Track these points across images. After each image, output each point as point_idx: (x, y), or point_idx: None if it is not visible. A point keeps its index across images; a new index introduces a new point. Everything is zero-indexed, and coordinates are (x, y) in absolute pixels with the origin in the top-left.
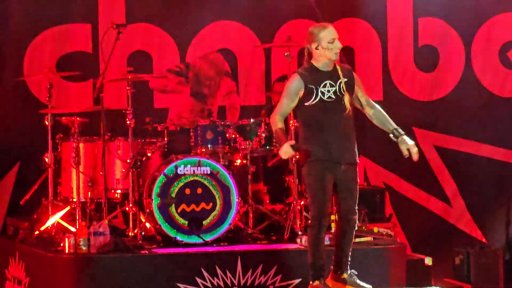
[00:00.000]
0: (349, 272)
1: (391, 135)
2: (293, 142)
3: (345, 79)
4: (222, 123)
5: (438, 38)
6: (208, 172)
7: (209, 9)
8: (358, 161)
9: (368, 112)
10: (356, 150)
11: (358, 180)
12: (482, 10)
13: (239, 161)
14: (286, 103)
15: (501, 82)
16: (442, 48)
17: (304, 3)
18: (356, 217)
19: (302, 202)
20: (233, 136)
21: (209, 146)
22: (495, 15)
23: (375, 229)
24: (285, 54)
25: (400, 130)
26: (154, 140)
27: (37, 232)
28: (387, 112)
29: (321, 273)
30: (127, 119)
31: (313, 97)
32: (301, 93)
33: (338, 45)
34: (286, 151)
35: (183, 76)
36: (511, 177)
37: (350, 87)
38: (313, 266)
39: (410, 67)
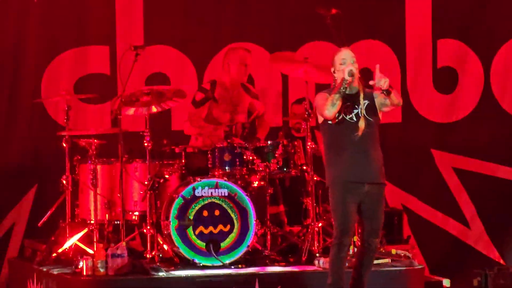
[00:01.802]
0: None
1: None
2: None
3: (367, 102)
4: (238, 144)
5: (457, 59)
6: (226, 194)
7: (226, 30)
8: (383, 181)
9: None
10: (381, 170)
11: (384, 201)
12: (501, 31)
13: (256, 183)
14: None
15: None
16: (460, 70)
17: (322, 25)
18: (378, 240)
19: (320, 224)
20: (251, 158)
21: (226, 168)
22: None
23: (393, 251)
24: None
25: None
26: (172, 162)
27: (55, 254)
28: (406, 133)
29: None
30: (144, 141)
31: (336, 116)
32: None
33: (347, 66)
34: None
35: (210, 96)
36: None
37: (372, 109)
38: (332, 282)
39: (428, 89)
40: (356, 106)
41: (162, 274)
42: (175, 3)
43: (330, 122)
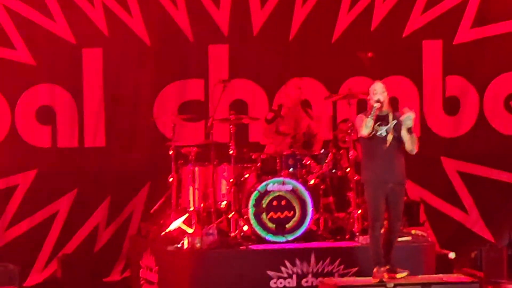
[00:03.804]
0: (391, 263)
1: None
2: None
3: (395, 122)
4: (300, 152)
5: (460, 91)
6: (290, 189)
7: (291, 67)
8: (403, 181)
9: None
10: (402, 173)
11: (404, 195)
12: (492, 70)
13: (313, 181)
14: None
15: (505, 124)
16: (462, 98)
17: (362, 63)
18: (400, 223)
19: (360, 211)
20: (308, 162)
21: (290, 169)
22: (503, 73)
23: (413, 231)
24: (348, 102)
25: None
26: (250, 165)
27: (163, 233)
28: (423, 144)
29: (379, 259)
30: (230, 150)
31: (370, 132)
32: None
33: (375, 96)
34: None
35: (278, 115)
36: (509, 192)
37: (398, 128)
38: (373, 254)
39: (439, 112)
40: (385, 124)
41: (243, 248)
42: (250, 49)
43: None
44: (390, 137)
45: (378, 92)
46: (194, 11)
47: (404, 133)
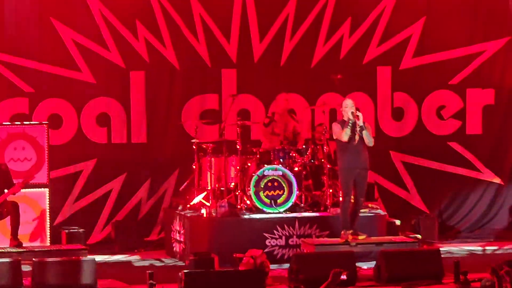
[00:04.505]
0: (354, 228)
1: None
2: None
3: (359, 128)
4: (287, 147)
5: (404, 103)
6: (281, 174)
7: (281, 85)
8: (368, 167)
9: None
10: (367, 161)
11: (367, 178)
12: (428, 86)
13: (297, 168)
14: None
15: (436, 127)
16: (405, 108)
17: (333, 83)
18: (363, 199)
19: (331, 190)
20: (294, 154)
21: (281, 159)
22: (435, 90)
23: (369, 205)
24: (322, 111)
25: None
26: (251, 156)
27: (188, 205)
28: (378, 142)
29: (346, 224)
30: (237, 145)
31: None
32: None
33: (348, 110)
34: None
35: (273, 120)
36: (443, 177)
37: (362, 130)
38: (343, 222)
39: (389, 118)
40: (352, 128)
41: (246, 216)
42: (252, 72)
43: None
44: (357, 137)
45: (349, 106)
46: (211, 44)
47: (364, 133)
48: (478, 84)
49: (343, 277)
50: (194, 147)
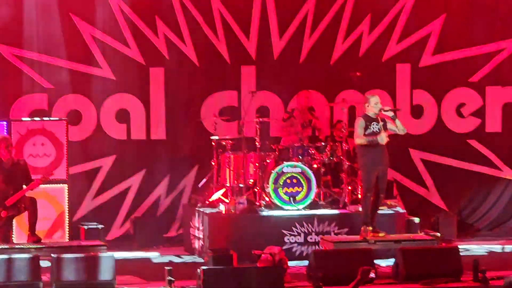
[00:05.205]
0: (373, 225)
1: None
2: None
3: (382, 123)
4: (307, 144)
5: (423, 100)
6: (300, 171)
7: (301, 82)
8: (388, 165)
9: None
10: (388, 159)
11: (387, 176)
12: (447, 85)
13: (316, 165)
14: (360, 130)
15: (456, 125)
16: (425, 106)
17: (352, 80)
18: (384, 195)
19: (350, 188)
20: (312, 151)
21: (300, 156)
22: (455, 88)
23: (388, 203)
24: (342, 108)
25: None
26: (270, 153)
27: (207, 202)
28: (397, 139)
29: (367, 220)
30: (256, 142)
31: (367, 130)
32: (363, 126)
33: (378, 106)
34: (383, 137)
35: (292, 116)
36: (462, 175)
37: (384, 127)
38: (364, 217)
39: (408, 116)
40: (377, 123)
41: (265, 213)
42: (271, 69)
43: (364, 133)
44: (383, 135)
45: (379, 101)
46: (231, 41)
47: (391, 126)
48: (498, 81)
49: (372, 274)
50: (213, 143)
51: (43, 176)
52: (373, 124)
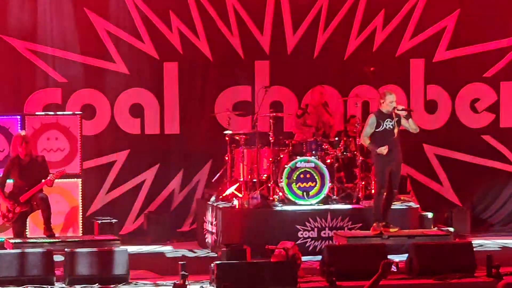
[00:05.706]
0: (386, 220)
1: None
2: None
3: (397, 119)
4: (320, 139)
5: (437, 96)
6: (313, 166)
7: (315, 77)
8: (402, 160)
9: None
10: (401, 154)
11: (401, 171)
12: (460, 81)
13: (329, 160)
14: (369, 129)
15: (470, 120)
16: (439, 101)
17: (366, 75)
18: (397, 191)
19: (363, 183)
20: (326, 146)
21: (313, 151)
22: (469, 83)
23: (402, 198)
24: (355, 103)
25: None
26: (284, 148)
27: (221, 197)
28: (411, 135)
29: (379, 216)
30: (270, 137)
31: (380, 127)
32: (374, 124)
33: (393, 104)
34: (382, 150)
35: (306, 112)
36: (476, 170)
37: (398, 123)
38: (375, 214)
39: (422, 111)
40: (391, 120)
41: (278, 208)
42: (285, 64)
43: (376, 130)
44: (396, 130)
45: (394, 100)
46: (245, 36)
47: (404, 122)
48: None
49: (394, 268)
50: (226, 138)
51: (56, 174)
52: (386, 121)
